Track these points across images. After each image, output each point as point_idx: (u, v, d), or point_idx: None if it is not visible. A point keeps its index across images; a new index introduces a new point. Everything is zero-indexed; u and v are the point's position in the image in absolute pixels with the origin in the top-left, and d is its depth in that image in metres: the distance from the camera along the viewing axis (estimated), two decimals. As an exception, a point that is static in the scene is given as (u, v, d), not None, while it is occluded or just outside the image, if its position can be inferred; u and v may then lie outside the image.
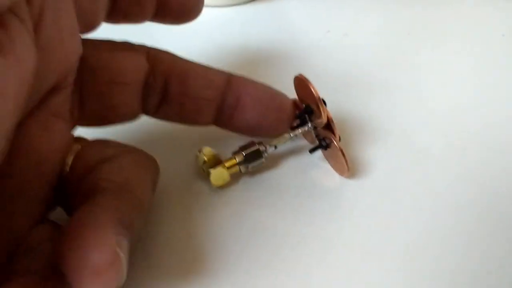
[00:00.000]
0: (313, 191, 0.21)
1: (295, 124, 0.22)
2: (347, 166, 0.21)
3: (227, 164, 0.21)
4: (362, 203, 0.21)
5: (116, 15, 0.18)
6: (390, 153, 0.23)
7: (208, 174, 0.20)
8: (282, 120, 0.21)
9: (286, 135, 0.22)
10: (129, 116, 0.20)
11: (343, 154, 0.20)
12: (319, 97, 0.20)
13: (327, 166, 0.22)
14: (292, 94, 0.22)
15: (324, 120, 0.20)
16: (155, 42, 0.20)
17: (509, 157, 0.22)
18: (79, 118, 0.18)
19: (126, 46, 0.19)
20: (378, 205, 0.20)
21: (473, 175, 0.21)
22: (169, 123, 0.21)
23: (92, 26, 0.17)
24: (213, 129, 0.22)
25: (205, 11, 0.20)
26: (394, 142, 0.23)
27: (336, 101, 0.22)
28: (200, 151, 0.21)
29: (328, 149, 0.21)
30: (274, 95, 0.21)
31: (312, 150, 0.22)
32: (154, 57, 0.19)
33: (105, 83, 0.18)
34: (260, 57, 0.28)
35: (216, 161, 0.21)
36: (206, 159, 0.21)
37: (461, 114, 0.25)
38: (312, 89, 0.20)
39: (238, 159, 0.21)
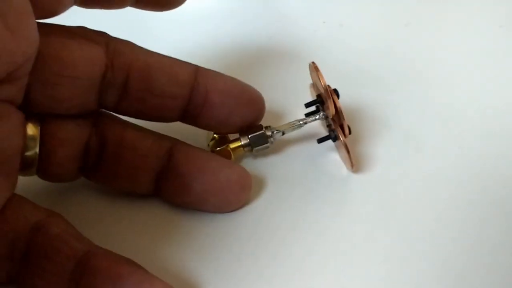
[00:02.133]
0: (318, 180, 0.21)
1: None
2: (351, 162, 0.20)
3: (231, 146, 0.21)
4: (367, 196, 0.20)
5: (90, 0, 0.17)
6: (394, 146, 0.22)
7: (214, 152, 0.21)
8: (253, 115, 0.20)
9: (296, 122, 0.21)
10: (84, 111, 0.18)
11: (347, 150, 0.20)
12: (327, 88, 0.19)
13: (335, 156, 0.22)
14: (286, 86, 0.21)
15: (331, 112, 0.20)
16: (145, 32, 0.20)
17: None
18: (24, 106, 0.16)
19: (81, 35, 0.17)
20: (383, 199, 0.20)
21: (477, 171, 0.21)
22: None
23: (53, 11, 0.15)
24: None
25: (197, 2, 0.20)
26: (397, 135, 0.23)
27: (345, 92, 0.21)
28: (210, 134, 0.22)
29: (337, 140, 0.21)
30: (244, 89, 0.20)
31: (320, 140, 0.21)
32: (113, 49, 0.17)
33: (53, 73, 0.16)
34: (254, 50, 0.28)
35: (224, 141, 0.21)
36: (214, 137, 0.21)
37: (461, 107, 0.24)
38: (321, 79, 0.19)
39: (243, 141, 0.21)
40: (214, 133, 0.21)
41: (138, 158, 0.19)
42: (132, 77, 0.18)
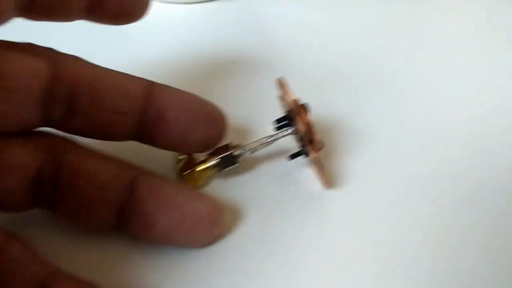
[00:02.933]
0: (293, 199, 0.20)
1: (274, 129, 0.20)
2: (323, 180, 0.19)
3: (199, 168, 0.20)
4: (345, 211, 0.20)
5: (35, 12, 0.16)
6: (370, 158, 0.21)
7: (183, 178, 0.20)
8: (214, 132, 0.19)
9: (266, 139, 0.20)
10: (27, 128, 0.17)
11: (319, 168, 0.19)
12: (296, 105, 0.18)
13: (308, 172, 0.21)
14: (265, 94, 0.20)
15: (300, 130, 0.19)
16: (110, 42, 0.19)
17: (494, 158, 0.22)
18: None
19: (24, 49, 0.17)
20: (362, 212, 0.19)
21: (456, 181, 0.21)
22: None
23: None
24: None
25: (169, 8, 0.19)
26: (374, 146, 0.22)
27: (316, 103, 0.20)
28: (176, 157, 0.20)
29: (308, 157, 0.20)
30: (202, 105, 0.19)
31: (292, 157, 0.20)
32: (58, 62, 0.17)
33: None
34: (229, 58, 0.27)
35: (191, 163, 0.20)
36: (180, 159, 0.20)
37: (441, 115, 0.23)
38: (288, 96, 0.18)
39: (211, 163, 0.20)
40: (180, 155, 0.20)
41: (96, 190, 0.17)
42: (79, 91, 0.17)
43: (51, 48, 0.17)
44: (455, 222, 0.19)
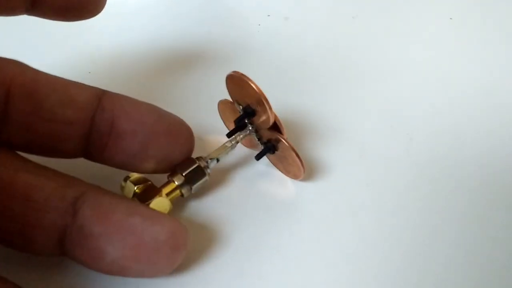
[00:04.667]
0: (267, 202, 0.18)
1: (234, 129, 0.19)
2: (302, 166, 0.18)
3: (165, 191, 0.17)
4: (317, 207, 0.19)
5: None
6: (338, 150, 0.21)
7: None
8: (177, 149, 0.17)
9: (227, 144, 0.19)
10: None
11: (296, 153, 0.18)
12: (262, 94, 0.17)
13: (276, 172, 0.20)
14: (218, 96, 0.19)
15: (271, 118, 0.18)
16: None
17: (458, 145, 0.21)
18: None
19: None
20: (335, 208, 0.19)
21: (425, 172, 0.20)
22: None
23: None
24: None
25: None
26: (341, 137, 0.21)
27: (277, 95, 0.19)
28: (126, 179, 0.17)
29: (276, 152, 0.19)
30: (162, 117, 0.16)
31: (258, 156, 0.19)
32: None
33: None
34: (194, 49, 0.25)
35: (150, 189, 0.17)
36: (136, 189, 0.17)
37: (408, 107, 0.23)
38: (253, 86, 0.17)
39: (177, 182, 0.17)
40: (133, 183, 0.17)
41: (31, 212, 0.14)
42: (13, 96, 0.14)
43: None
44: (428, 213, 0.19)
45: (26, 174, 0.14)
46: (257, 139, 0.19)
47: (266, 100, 0.17)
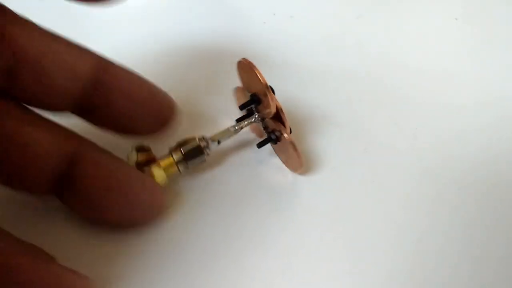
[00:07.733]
0: (263, 190, 0.19)
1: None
2: (300, 161, 0.18)
3: (162, 163, 0.18)
4: (315, 199, 0.19)
5: None
6: (342, 145, 0.21)
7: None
8: (161, 122, 0.18)
9: (231, 128, 0.19)
10: None
11: (295, 148, 0.18)
12: (266, 84, 0.18)
13: (277, 161, 0.20)
14: (234, 82, 0.19)
15: (272, 110, 0.18)
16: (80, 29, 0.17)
17: (462, 144, 0.21)
18: None
19: None
20: (333, 201, 0.19)
21: (429, 166, 0.20)
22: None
23: None
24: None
25: None
26: (345, 132, 0.21)
27: (283, 89, 0.19)
28: (132, 149, 0.18)
29: (278, 142, 0.19)
30: (153, 94, 0.17)
31: (260, 145, 0.19)
32: (5, 33, 0.14)
33: None
34: (200, 45, 0.25)
35: (150, 160, 0.18)
36: (137, 158, 0.18)
37: (413, 101, 0.23)
38: (258, 75, 0.18)
39: (176, 157, 0.18)
40: (136, 152, 0.18)
41: (29, 158, 0.15)
42: (20, 65, 0.15)
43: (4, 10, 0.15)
44: (433, 210, 0.19)
45: (28, 124, 0.16)
46: (262, 128, 0.20)
47: (269, 89, 0.18)
